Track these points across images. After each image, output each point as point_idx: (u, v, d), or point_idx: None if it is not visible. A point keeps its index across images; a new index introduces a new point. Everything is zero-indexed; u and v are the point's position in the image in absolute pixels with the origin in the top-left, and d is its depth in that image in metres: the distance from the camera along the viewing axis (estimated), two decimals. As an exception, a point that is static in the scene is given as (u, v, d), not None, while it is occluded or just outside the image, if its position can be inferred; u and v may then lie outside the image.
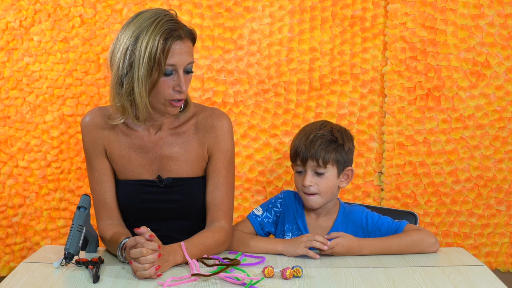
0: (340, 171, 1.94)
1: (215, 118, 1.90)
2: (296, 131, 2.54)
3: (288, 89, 2.55)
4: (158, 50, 1.71)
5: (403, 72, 2.53)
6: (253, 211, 2.03)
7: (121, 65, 1.75)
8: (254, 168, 2.57)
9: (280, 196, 2.04)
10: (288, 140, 2.56)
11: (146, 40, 1.71)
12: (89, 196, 1.82)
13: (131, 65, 1.74)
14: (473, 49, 2.52)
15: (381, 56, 2.54)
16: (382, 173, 2.59)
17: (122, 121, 1.84)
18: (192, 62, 1.79)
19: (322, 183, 1.91)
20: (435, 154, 2.57)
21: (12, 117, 2.53)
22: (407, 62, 2.52)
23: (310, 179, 1.91)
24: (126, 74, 1.75)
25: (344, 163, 1.94)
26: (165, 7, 2.48)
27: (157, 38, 1.71)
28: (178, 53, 1.75)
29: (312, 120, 2.55)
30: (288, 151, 2.57)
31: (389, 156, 2.56)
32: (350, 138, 1.99)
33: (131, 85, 1.75)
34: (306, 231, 1.97)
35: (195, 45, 1.84)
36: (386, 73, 2.53)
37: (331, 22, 2.52)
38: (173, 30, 1.74)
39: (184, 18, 2.48)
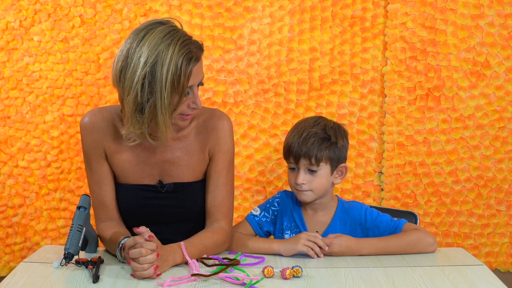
0: (333, 168, 1.94)
1: (216, 119, 1.89)
2: (296, 131, 2.54)
3: (288, 89, 2.55)
4: (182, 77, 1.67)
5: (403, 72, 2.53)
6: (251, 212, 2.04)
7: (139, 93, 1.67)
8: (254, 168, 2.57)
9: (277, 196, 2.05)
10: (288, 140, 2.56)
11: (166, 67, 1.65)
12: (89, 196, 1.81)
13: (151, 92, 1.67)
14: (473, 49, 2.52)
15: (381, 56, 2.54)
16: (382, 173, 2.59)
17: (137, 142, 1.79)
18: (203, 76, 1.78)
19: (315, 181, 1.92)
20: (435, 154, 2.57)
21: (12, 117, 2.53)
22: (407, 62, 2.52)
23: (302, 177, 1.92)
24: (147, 101, 1.68)
25: (337, 160, 1.94)
26: (165, 7, 2.48)
27: (179, 64, 1.66)
28: (195, 73, 1.72)
29: (312, 120, 2.55)
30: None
31: (389, 156, 2.56)
32: (344, 135, 1.99)
33: (154, 112, 1.69)
34: (304, 228, 1.97)
35: None
36: (386, 73, 2.53)
37: (331, 22, 2.52)
38: (190, 52, 1.69)
39: (184, 18, 2.48)
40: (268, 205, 2.04)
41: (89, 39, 2.50)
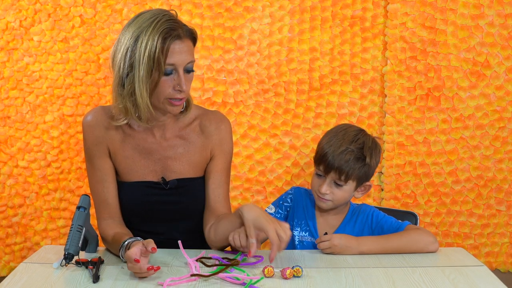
0: (358, 185, 1.95)
1: (219, 121, 1.93)
2: (296, 131, 2.55)
3: (288, 89, 2.55)
4: (157, 50, 1.71)
5: (403, 72, 2.53)
6: (266, 210, 2.03)
7: (121, 66, 1.75)
8: (254, 168, 2.57)
9: (290, 192, 2.06)
10: (288, 140, 2.56)
11: (145, 41, 1.71)
12: (89, 196, 1.81)
13: (131, 66, 1.73)
14: (473, 49, 2.52)
15: (381, 56, 2.54)
16: (382, 173, 2.59)
17: (125, 122, 1.83)
18: (192, 61, 1.79)
19: (338, 194, 1.92)
20: (435, 154, 2.57)
21: (12, 117, 2.53)
22: (407, 62, 2.52)
23: (327, 188, 1.92)
24: (127, 75, 1.75)
25: (365, 179, 1.94)
26: (165, 7, 2.48)
27: (156, 38, 1.71)
28: (177, 52, 1.74)
29: (312, 120, 2.55)
30: (288, 151, 2.57)
31: (389, 156, 2.56)
32: (379, 154, 1.97)
33: (132, 86, 1.75)
34: (314, 227, 1.98)
35: (196, 45, 1.84)
36: (386, 73, 2.53)
37: (331, 22, 2.52)
38: (172, 29, 1.73)
39: (184, 18, 2.48)
40: (281, 202, 2.05)
41: (89, 39, 2.50)
